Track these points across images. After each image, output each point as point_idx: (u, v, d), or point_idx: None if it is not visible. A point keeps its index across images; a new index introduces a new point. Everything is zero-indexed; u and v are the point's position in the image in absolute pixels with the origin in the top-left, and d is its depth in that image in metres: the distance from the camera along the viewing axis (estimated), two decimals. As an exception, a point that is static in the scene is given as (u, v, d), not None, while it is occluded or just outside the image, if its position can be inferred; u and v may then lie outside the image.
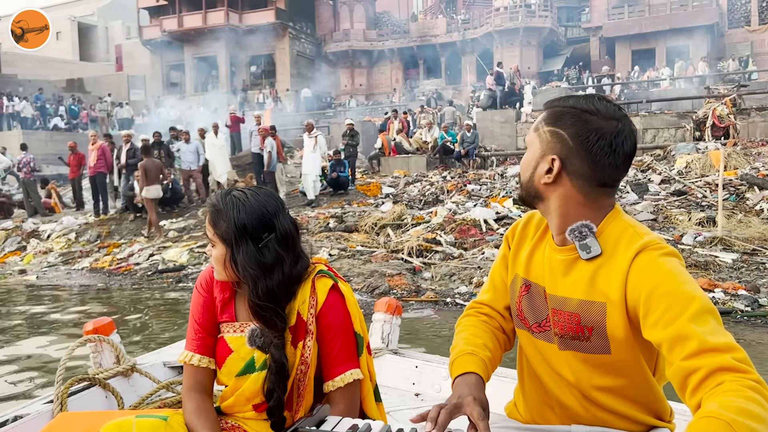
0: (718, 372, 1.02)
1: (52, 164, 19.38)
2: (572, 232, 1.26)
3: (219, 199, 1.45)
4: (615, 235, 1.26)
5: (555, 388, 1.34)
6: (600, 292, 1.23)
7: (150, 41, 33.88)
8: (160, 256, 9.49)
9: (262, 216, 1.42)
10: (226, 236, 1.41)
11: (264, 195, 1.46)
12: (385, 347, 2.53)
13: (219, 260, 1.44)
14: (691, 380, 1.05)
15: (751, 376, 1.01)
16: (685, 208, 8.79)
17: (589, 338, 1.25)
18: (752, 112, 14.64)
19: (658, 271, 1.15)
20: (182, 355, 1.52)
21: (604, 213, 1.29)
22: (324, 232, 9.65)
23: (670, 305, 1.10)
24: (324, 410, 1.21)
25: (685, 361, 1.06)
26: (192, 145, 12.51)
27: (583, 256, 1.25)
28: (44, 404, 1.89)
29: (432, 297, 6.50)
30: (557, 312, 1.29)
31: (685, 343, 1.07)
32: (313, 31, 34.83)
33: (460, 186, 11.97)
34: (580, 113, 1.25)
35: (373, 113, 25.04)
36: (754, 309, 5.21)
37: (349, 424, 1.15)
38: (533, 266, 1.36)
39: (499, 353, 1.44)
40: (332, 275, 1.51)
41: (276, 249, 1.41)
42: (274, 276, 1.40)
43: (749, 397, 0.97)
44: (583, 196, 1.26)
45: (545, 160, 1.27)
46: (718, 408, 0.95)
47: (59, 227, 12.19)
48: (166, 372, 2.33)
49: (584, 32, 32.36)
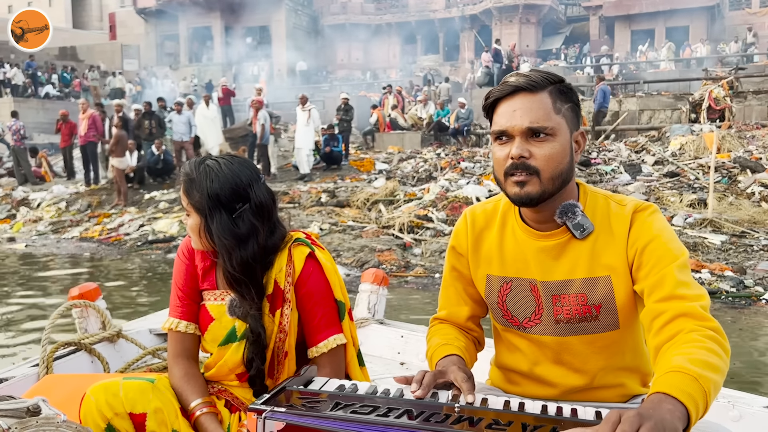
0: (680, 317, 1.10)
1: (44, 132, 19.18)
2: (563, 214, 1.23)
3: (193, 168, 1.43)
4: (597, 208, 1.26)
5: (554, 377, 1.31)
6: (603, 266, 1.23)
7: (144, 10, 33.31)
8: (150, 227, 9.45)
9: (236, 186, 1.40)
10: (200, 206, 1.40)
11: (238, 164, 1.44)
12: (371, 317, 2.56)
13: (194, 230, 1.43)
14: (656, 322, 1.13)
15: (709, 324, 1.09)
16: (677, 190, 8.79)
17: (597, 317, 1.24)
18: (749, 96, 14.57)
19: (650, 228, 1.21)
20: (167, 322, 1.51)
21: (576, 188, 1.28)
22: (315, 207, 9.62)
23: (659, 258, 1.17)
24: (311, 371, 1.21)
25: (656, 304, 1.14)
26: (184, 116, 12.38)
27: (578, 236, 1.23)
28: (30, 367, 1.90)
29: (421, 273, 6.51)
30: (559, 297, 1.26)
31: (661, 287, 1.15)
32: (310, 3, 34.32)
33: (453, 163, 11.92)
34: (567, 84, 1.26)
35: (369, 88, 24.82)
36: (739, 290, 5.23)
37: (336, 384, 1.15)
38: (508, 261, 1.32)
39: (473, 349, 1.42)
40: (308, 243, 1.50)
41: (250, 219, 1.40)
42: (248, 247, 1.39)
43: (709, 349, 1.04)
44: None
45: (574, 138, 1.25)
46: (684, 362, 1.00)
47: (49, 196, 12.11)
48: (151, 339, 2.35)
49: (584, 11, 31.98)
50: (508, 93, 1.22)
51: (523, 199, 1.20)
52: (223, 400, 1.48)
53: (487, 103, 1.26)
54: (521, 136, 1.19)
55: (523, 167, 1.18)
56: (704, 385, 0.97)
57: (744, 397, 1.69)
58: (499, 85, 1.26)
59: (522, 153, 1.18)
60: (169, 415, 1.37)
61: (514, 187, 1.20)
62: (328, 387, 1.15)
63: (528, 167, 1.18)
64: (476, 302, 1.41)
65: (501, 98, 1.23)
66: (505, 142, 1.21)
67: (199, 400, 1.41)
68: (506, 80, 1.24)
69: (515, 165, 1.19)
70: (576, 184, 1.28)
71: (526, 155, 1.18)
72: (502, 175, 1.22)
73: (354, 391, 1.12)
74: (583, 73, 22.24)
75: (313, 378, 1.20)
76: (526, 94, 1.20)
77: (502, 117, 1.21)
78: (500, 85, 1.25)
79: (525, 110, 1.19)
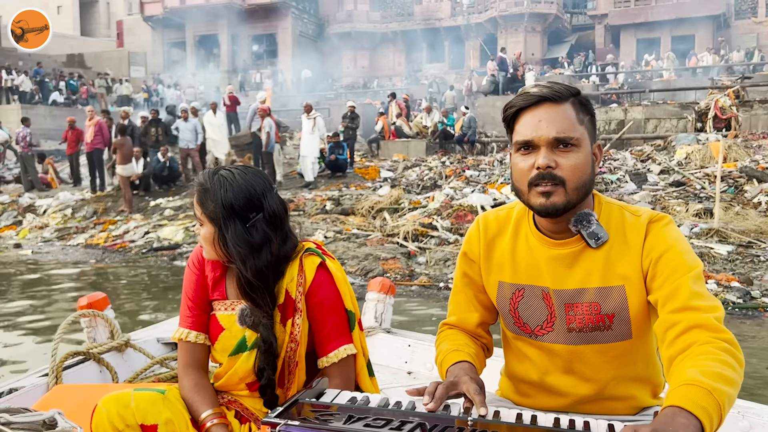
0: (694, 328, 1.10)
1: (51, 139, 19.28)
2: (578, 222, 1.23)
3: (207, 178, 1.44)
4: (612, 218, 1.26)
5: (565, 386, 1.30)
6: (617, 275, 1.23)
7: (151, 18, 33.52)
8: (156, 234, 9.48)
9: (250, 195, 1.41)
10: (214, 216, 1.41)
11: (252, 174, 1.46)
12: (378, 326, 2.56)
13: (207, 239, 1.44)
14: (670, 333, 1.12)
15: (723, 335, 1.08)
16: (683, 199, 8.77)
17: (610, 326, 1.24)
18: (755, 105, 14.54)
19: (665, 239, 1.21)
20: (177, 332, 1.52)
21: (591, 198, 1.29)
22: (320, 215, 9.63)
23: (674, 269, 1.17)
24: (323, 383, 1.21)
25: (669, 314, 1.14)
26: (190, 123, 12.44)
27: (593, 245, 1.23)
28: (39, 377, 1.91)
29: (425, 282, 6.50)
30: (572, 306, 1.26)
31: (675, 298, 1.14)
32: (316, 11, 34.46)
33: (458, 171, 11.92)
34: (586, 96, 1.28)
35: (375, 96, 24.87)
36: (746, 301, 5.21)
37: (348, 396, 1.16)
38: (520, 268, 1.31)
39: (482, 355, 1.41)
40: (320, 253, 1.50)
41: (264, 228, 1.41)
42: (262, 255, 1.40)
43: (723, 361, 1.03)
44: None
45: (594, 149, 1.26)
46: (698, 375, 0.99)
47: (55, 203, 12.17)
48: (159, 348, 2.36)
49: (590, 20, 32.03)
50: (533, 103, 1.22)
51: (549, 210, 1.20)
52: (233, 411, 1.48)
53: (508, 113, 1.25)
54: (547, 146, 1.19)
55: (550, 177, 1.18)
56: (718, 399, 0.96)
57: (754, 408, 1.67)
58: (520, 95, 1.25)
59: (549, 163, 1.18)
60: (180, 426, 1.38)
61: (539, 197, 1.20)
62: (340, 399, 1.15)
63: (554, 177, 1.18)
64: (486, 309, 1.41)
65: (524, 108, 1.23)
66: (529, 152, 1.21)
67: (210, 411, 1.41)
68: (528, 91, 1.24)
69: (542, 175, 1.19)
70: (591, 194, 1.29)
71: (553, 165, 1.18)
72: (526, 186, 1.22)
73: (366, 404, 1.12)
74: (588, 82, 22.24)
75: (324, 390, 1.20)
76: (551, 105, 1.20)
77: (527, 127, 1.21)
78: (522, 95, 1.24)
79: (551, 120, 1.19)
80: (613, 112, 16.21)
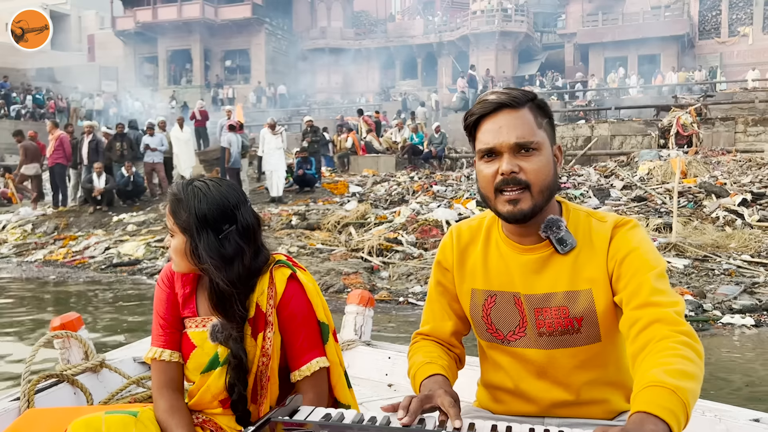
0: (654, 323, 1.11)
1: (15, 154, 18.89)
2: (547, 228, 1.25)
3: (180, 189, 1.43)
4: (579, 224, 1.28)
5: (539, 392, 1.31)
6: (584, 279, 1.24)
7: (123, 32, 33.32)
8: (116, 249, 9.30)
9: (224, 207, 1.41)
10: (186, 226, 1.39)
11: (226, 186, 1.46)
12: (358, 339, 2.54)
13: (178, 250, 1.42)
14: (633, 330, 1.14)
15: (681, 328, 1.10)
16: (644, 214, 8.90)
17: (579, 330, 1.25)
18: (716, 122, 14.91)
19: (630, 241, 1.23)
20: (150, 352, 1.49)
21: (558, 205, 1.31)
22: (285, 230, 9.55)
23: (637, 269, 1.19)
24: (297, 400, 1.19)
25: (632, 311, 1.16)
26: (156, 138, 12.30)
27: (561, 251, 1.24)
28: (10, 401, 1.84)
29: (386, 296, 6.46)
30: (542, 311, 1.27)
31: (637, 295, 1.16)
32: (290, 28, 34.58)
33: (426, 187, 11.96)
34: (542, 99, 1.29)
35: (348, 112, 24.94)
36: (698, 314, 5.27)
37: (322, 413, 1.13)
38: (492, 275, 1.33)
39: (455, 367, 1.41)
40: (290, 265, 1.49)
41: (237, 241, 1.41)
42: (234, 267, 1.40)
43: (683, 356, 1.05)
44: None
45: (555, 150, 1.28)
46: (661, 374, 1.01)
47: (15, 218, 11.89)
48: (135, 367, 2.32)
49: (559, 38, 32.69)
50: (491, 110, 1.23)
51: (517, 216, 1.22)
52: (207, 431, 1.46)
53: (469, 122, 1.27)
54: (509, 152, 1.20)
55: (515, 182, 1.20)
56: (682, 397, 0.98)
57: (731, 411, 1.69)
58: (478, 104, 1.26)
59: (513, 168, 1.20)
60: None
61: (506, 205, 1.21)
62: (314, 417, 1.13)
63: (519, 182, 1.20)
64: (460, 318, 1.41)
65: (484, 116, 1.24)
66: (492, 159, 1.23)
67: None
68: (486, 98, 1.25)
69: (506, 180, 1.20)
70: (557, 201, 1.30)
71: (517, 170, 1.20)
72: (492, 192, 1.23)
73: (340, 420, 1.10)
74: (557, 99, 22.61)
75: (298, 407, 1.18)
76: (509, 111, 1.22)
77: (488, 134, 1.23)
78: (480, 103, 1.25)
79: (511, 126, 1.21)
80: (580, 128, 16.48)
